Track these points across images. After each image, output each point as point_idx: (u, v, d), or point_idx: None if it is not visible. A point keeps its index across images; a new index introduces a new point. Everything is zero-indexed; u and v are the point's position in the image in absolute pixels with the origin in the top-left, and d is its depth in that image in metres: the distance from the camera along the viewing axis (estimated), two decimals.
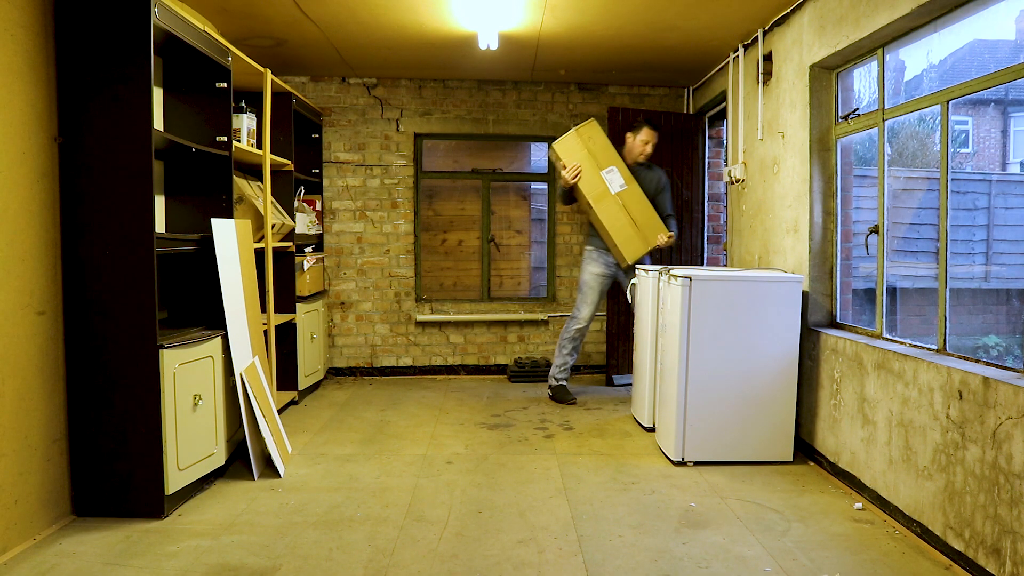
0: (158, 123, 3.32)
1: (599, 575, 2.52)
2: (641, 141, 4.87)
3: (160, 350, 2.90)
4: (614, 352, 5.63)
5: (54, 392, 2.88)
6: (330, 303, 5.93)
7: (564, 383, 5.12)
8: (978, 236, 4.74)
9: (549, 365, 5.83)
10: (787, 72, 4.03)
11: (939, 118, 2.90)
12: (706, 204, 5.90)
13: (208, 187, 3.56)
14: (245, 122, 4.05)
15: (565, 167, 4.68)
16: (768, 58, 4.28)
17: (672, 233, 4.80)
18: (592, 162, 4.73)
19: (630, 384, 5.34)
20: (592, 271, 4.97)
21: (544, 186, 6.15)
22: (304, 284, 5.07)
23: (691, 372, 3.65)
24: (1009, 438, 2.33)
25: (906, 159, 3.91)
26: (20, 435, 2.68)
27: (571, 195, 4.87)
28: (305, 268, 5.08)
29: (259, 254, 4.29)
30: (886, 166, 3.30)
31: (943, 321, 2.89)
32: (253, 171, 4.60)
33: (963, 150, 5.21)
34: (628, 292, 4.87)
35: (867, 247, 3.42)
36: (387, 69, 5.57)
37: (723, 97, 5.21)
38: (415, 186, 5.99)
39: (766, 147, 4.34)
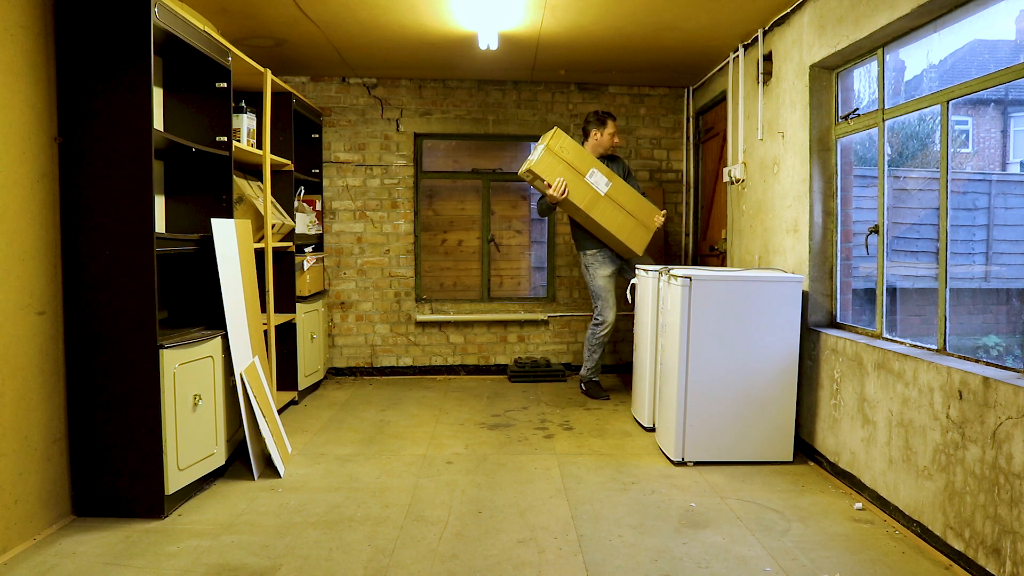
0: (158, 123, 3.33)
1: (599, 575, 2.52)
2: (609, 135, 4.98)
3: (160, 350, 2.90)
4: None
5: (54, 392, 2.88)
6: (330, 303, 5.93)
7: (597, 380, 5.22)
8: (978, 236, 4.73)
9: (549, 365, 5.83)
10: (787, 72, 4.03)
11: (939, 118, 2.90)
12: None
13: (208, 187, 3.56)
14: (245, 122, 4.05)
15: (549, 186, 4.61)
16: (768, 58, 4.28)
17: (664, 211, 4.96)
18: (572, 172, 4.65)
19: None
20: (603, 274, 4.99)
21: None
22: (304, 284, 5.07)
23: (691, 372, 3.65)
24: (1009, 438, 2.33)
25: (906, 159, 3.91)
26: (20, 435, 2.68)
27: (552, 207, 4.88)
28: (305, 268, 5.08)
29: (259, 254, 4.29)
30: (886, 166, 3.30)
31: (943, 321, 2.89)
32: (253, 171, 4.60)
33: (963, 150, 5.21)
34: (628, 292, 4.88)
35: (867, 247, 3.42)
36: (387, 69, 5.57)
37: (723, 97, 5.21)
38: (415, 186, 5.99)
39: (766, 147, 4.34)
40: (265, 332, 4.19)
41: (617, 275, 5.09)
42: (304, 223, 5.23)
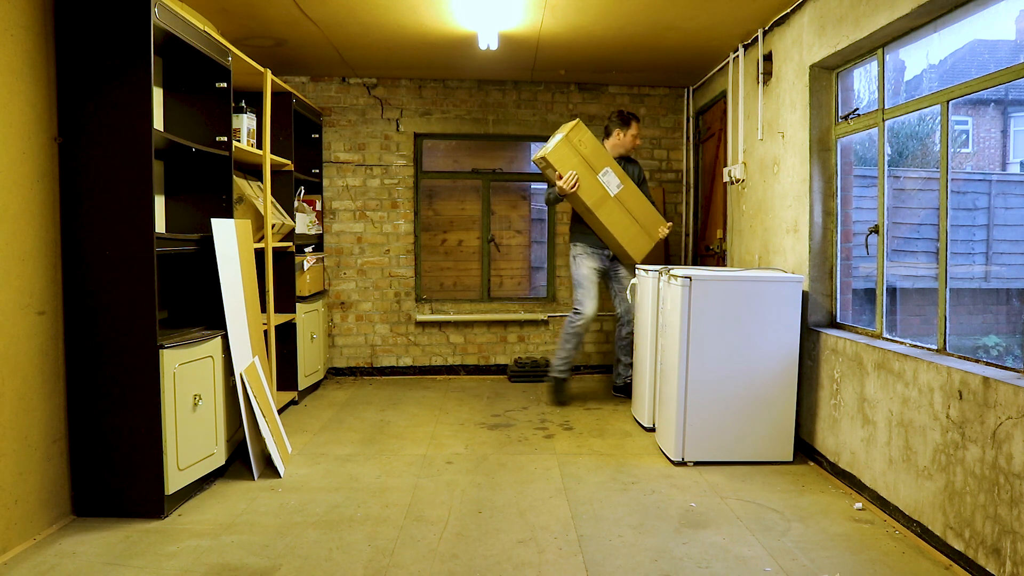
0: (158, 123, 3.32)
1: (599, 575, 2.52)
2: (632, 136, 4.93)
3: (160, 350, 2.90)
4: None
5: (54, 392, 2.88)
6: (330, 303, 5.93)
7: (566, 379, 5.08)
8: (978, 236, 4.73)
9: (549, 365, 5.83)
10: (787, 72, 4.03)
11: (939, 118, 2.90)
12: None
13: (208, 187, 3.56)
14: (245, 122, 4.05)
15: (560, 177, 4.55)
16: (768, 58, 4.28)
17: (670, 223, 4.88)
18: (586, 167, 4.58)
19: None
20: (589, 265, 4.94)
21: (544, 186, 6.13)
22: (304, 284, 5.07)
23: (691, 372, 3.65)
24: (1009, 438, 2.33)
25: (906, 159, 3.91)
26: (20, 435, 2.68)
27: (560, 198, 4.79)
28: (305, 268, 5.08)
29: (259, 254, 4.29)
30: (886, 166, 3.30)
31: (943, 321, 2.89)
32: (253, 171, 4.60)
33: (963, 150, 5.21)
34: (628, 291, 4.87)
35: (867, 247, 3.42)
36: (387, 69, 5.57)
37: (723, 97, 5.21)
38: (415, 186, 5.99)
39: (766, 147, 4.34)
40: (265, 332, 4.19)
41: (602, 275, 5.02)
42: (304, 223, 5.23)
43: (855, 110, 3.57)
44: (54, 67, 2.87)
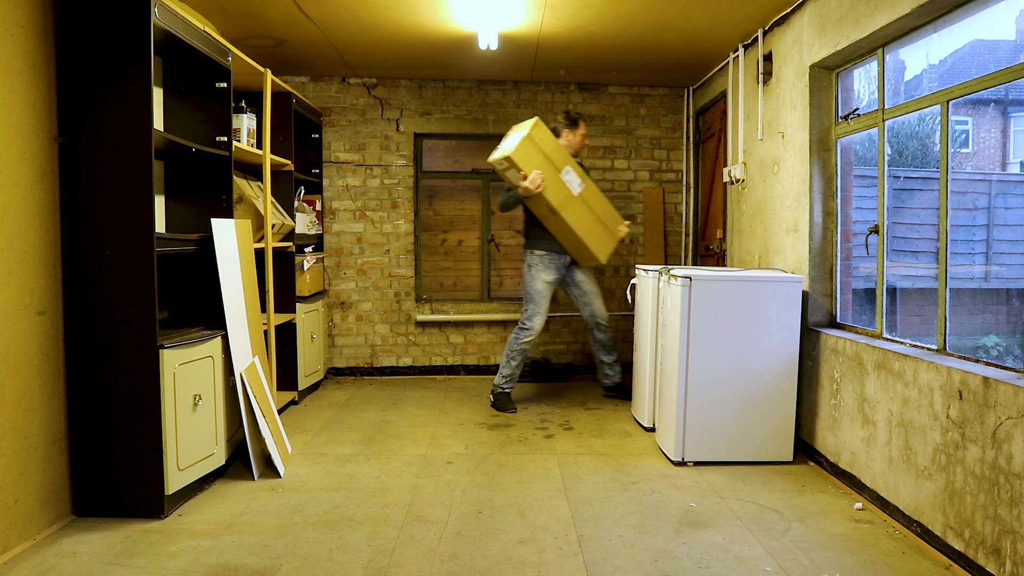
0: (158, 123, 3.33)
1: (599, 575, 2.52)
2: (581, 136, 4.80)
3: (160, 350, 2.90)
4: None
5: (54, 392, 2.88)
6: (330, 303, 5.93)
7: (508, 392, 4.88)
8: (978, 236, 4.73)
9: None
10: (787, 72, 4.03)
11: (939, 118, 2.90)
12: None
13: (208, 187, 3.56)
14: (245, 122, 4.05)
15: (525, 177, 4.29)
16: (768, 58, 4.28)
17: (628, 222, 4.81)
18: (550, 166, 4.39)
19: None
20: (544, 279, 4.73)
21: None
22: (304, 284, 5.07)
23: (691, 372, 3.65)
24: (1009, 438, 2.33)
25: (906, 159, 3.92)
26: (20, 435, 2.68)
27: (519, 202, 4.55)
28: (305, 268, 5.08)
29: (259, 254, 4.29)
30: (886, 166, 3.30)
31: (943, 321, 2.89)
32: (253, 171, 4.60)
33: (963, 150, 5.21)
34: (628, 292, 4.87)
35: (867, 247, 3.42)
36: (387, 69, 5.57)
37: (723, 97, 5.22)
38: (415, 186, 5.99)
39: (766, 147, 4.34)
40: (265, 332, 4.19)
41: (559, 285, 4.86)
42: (304, 223, 5.23)
43: (855, 110, 3.57)
44: (54, 67, 2.87)
